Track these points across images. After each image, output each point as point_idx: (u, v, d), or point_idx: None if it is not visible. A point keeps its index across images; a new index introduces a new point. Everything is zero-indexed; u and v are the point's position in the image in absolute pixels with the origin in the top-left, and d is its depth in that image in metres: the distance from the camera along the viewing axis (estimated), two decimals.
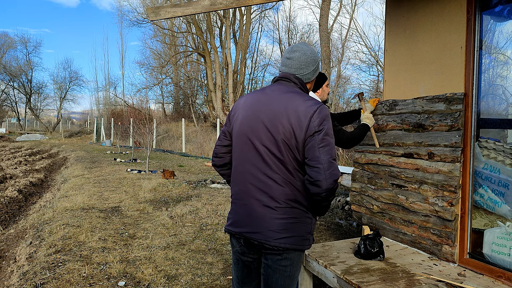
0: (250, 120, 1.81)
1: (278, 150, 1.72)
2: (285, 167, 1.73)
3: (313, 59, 1.88)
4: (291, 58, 1.87)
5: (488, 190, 2.62)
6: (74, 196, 6.80)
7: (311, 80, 1.92)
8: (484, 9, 2.55)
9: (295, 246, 1.77)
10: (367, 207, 3.34)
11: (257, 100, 1.84)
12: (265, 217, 1.75)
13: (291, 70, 1.87)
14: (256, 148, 1.77)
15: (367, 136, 3.36)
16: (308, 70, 1.87)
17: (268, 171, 1.74)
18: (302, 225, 1.79)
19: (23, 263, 3.85)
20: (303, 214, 1.79)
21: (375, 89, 20.91)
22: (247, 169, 1.80)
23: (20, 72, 36.32)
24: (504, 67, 2.85)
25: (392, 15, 3.26)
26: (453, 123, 2.56)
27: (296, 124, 1.69)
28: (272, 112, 1.75)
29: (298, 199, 1.76)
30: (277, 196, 1.74)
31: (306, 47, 1.89)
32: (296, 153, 1.71)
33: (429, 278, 2.37)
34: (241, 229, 1.83)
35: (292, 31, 28.88)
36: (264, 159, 1.75)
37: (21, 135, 28.95)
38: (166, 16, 2.85)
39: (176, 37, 27.51)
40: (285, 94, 1.78)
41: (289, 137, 1.70)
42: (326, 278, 2.64)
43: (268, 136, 1.74)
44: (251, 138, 1.79)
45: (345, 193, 7.34)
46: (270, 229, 1.75)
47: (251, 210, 1.79)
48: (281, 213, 1.74)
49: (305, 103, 1.72)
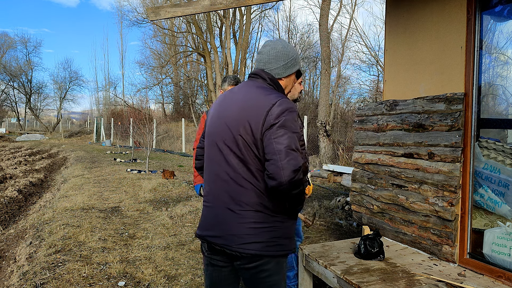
0: (215, 121, 1.77)
1: (238, 150, 1.64)
2: (247, 168, 1.63)
3: (285, 54, 1.79)
4: (261, 52, 1.81)
5: (488, 190, 2.62)
6: (74, 196, 6.80)
7: (283, 76, 1.81)
8: (484, 9, 2.55)
9: (262, 252, 1.63)
10: (367, 207, 3.34)
11: (224, 100, 1.80)
12: (228, 220, 1.66)
13: (260, 65, 1.80)
14: (220, 149, 1.70)
15: (367, 136, 3.36)
16: (277, 65, 1.78)
17: (232, 172, 1.66)
18: (269, 229, 1.65)
19: (23, 263, 3.85)
20: (269, 218, 1.65)
21: (375, 89, 20.92)
22: (213, 171, 1.74)
23: (20, 72, 36.30)
24: (504, 67, 2.85)
25: (392, 15, 3.25)
26: (453, 123, 2.56)
27: (254, 120, 1.60)
28: (234, 110, 1.69)
29: (263, 202, 1.64)
30: (241, 199, 1.64)
31: (279, 42, 1.81)
32: (255, 151, 1.61)
33: (429, 278, 2.37)
34: (205, 233, 1.75)
35: (292, 31, 28.90)
36: (227, 160, 1.67)
37: (21, 135, 28.95)
38: (166, 16, 2.84)
39: (176, 37, 27.50)
40: (249, 91, 1.71)
41: (248, 134, 1.61)
42: (326, 278, 2.64)
43: (229, 136, 1.66)
44: (215, 139, 1.73)
45: (345, 193, 7.34)
46: (232, 234, 1.64)
47: (216, 213, 1.71)
48: (245, 217, 1.63)
49: (266, 97, 1.64)
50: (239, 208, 1.64)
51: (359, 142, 3.48)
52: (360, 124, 3.47)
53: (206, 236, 1.74)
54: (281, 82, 1.83)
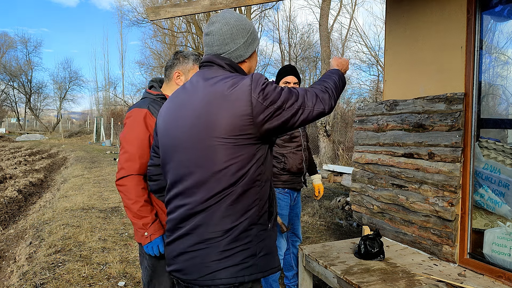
0: (170, 129, 1.40)
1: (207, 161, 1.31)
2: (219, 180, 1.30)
3: (242, 29, 1.40)
4: (210, 33, 1.40)
5: (488, 190, 2.62)
6: (74, 196, 6.80)
7: (245, 57, 1.43)
8: (484, 9, 2.55)
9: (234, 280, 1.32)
10: (367, 207, 3.34)
11: (174, 101, 1.43)
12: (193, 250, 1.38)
13: (214, 49, 1.40)
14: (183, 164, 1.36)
15: (367, 136, 3.36)
16: (236, 45, 1.39)
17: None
18: (241, 249, 1.33)
19: (23, 263, 3.85)
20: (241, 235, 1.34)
21: (375, 89, 20.92)
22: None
23: (20, 72, 36.34)
24: (504, 67, 2.85)
25: (392, 14, 3.25)
26: (453, 123, 2.56)
27: (230, 115, 1.26)
28: (193, 113, 1.32)
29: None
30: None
31: (228, 14, 1.41)
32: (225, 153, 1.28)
33: (429, 278, 2.36)
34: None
35: (292, 31, 28.90)
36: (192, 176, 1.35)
37: (20, 135, 28.95)
38: (166, 16, 2.84)
39: (176, 37, 27.50)
40: (206, 84, 1.33)
41: (221, 136, 1.27)
42: (326, 278, 2.64)
43: (194, 145, 1.32)
44: (173, 152, 1.38)
45: (345, 193, 7.34)
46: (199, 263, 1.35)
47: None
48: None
49: (232, 81, 1.29)
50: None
51: (359, 142, 3.47)
52: (360, 124, 3.47)
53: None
54: (244, 66, 1.45)
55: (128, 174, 1.85)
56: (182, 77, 2.03)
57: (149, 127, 1.92)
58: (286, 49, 26.29)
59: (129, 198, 1.84)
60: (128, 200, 1.84)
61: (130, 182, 1.85)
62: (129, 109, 2.00)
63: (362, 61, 26.93)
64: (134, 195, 1.84)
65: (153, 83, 2.11)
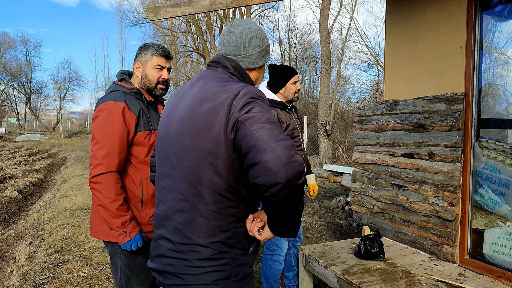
0: (166, 126, 1.41)
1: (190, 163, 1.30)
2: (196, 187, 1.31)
3: (261, 39, 1.42)
4: (230, 33, 1.40)
5: (488, 190, 2.62)
6: (73, 196, 6.80)
7: (257, 66, 1.43)
8: (484, 9, 2.55)
9: None
10: (367, 207, 3.34)
11: (174, 97, 1.45)
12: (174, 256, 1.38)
13: (230, 49, 1.39)
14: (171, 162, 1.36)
15: (367, 136, 3.36)
16: (253, 51, 1.40)
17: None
18: (218, 269, 1.31)
19: (23, 263, 3.85)
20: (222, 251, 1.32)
21: (375, 89, 20.93)
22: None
23: (20, 72, 36.32)
24: (504, 67, 2.85)
25: (392, 14, 3.25)
26: (453, 123, 2.56)
27: (211, 122, 1.23)
28: (185, 111, 1.32)
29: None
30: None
31: (251, 22, 1.43)
32: (213, 163, 1.25)
33: (429, 278, 2.36)
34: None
35: (292, 31, 28.92)
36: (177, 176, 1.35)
37: (20, 135, 28.95)
38: (166, 16, 2.84)
39: (176, 37, 27.50)
40: (205, 84, 1.33)
41: (203, 141, 1.25)
42: (326, 279, 2.64)
43: (179, 145, 1.32)
44: (166, 149, 1.38)
45: (345, 193, 7.34)
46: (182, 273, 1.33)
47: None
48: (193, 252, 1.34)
49: (224, 89, 1.26)
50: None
51: (359, 142, 3.47)
52: (360, 124, 3.47)
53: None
54: (253, 74, 1.45)
55: (107, 171, 1.77)
56: (141, 68, 1.98)
57: (127, 122, 1.85)
58: (286, 49, 26.33)
59: (107, 197, 1.77)
60: (105, 199, 1.77)
61: (109, 180, 1.78)
62: (101, 101, 1.89)
63: (362, 61, 26.94)
64: (114, 194, 1.77)
65: (123, 75, 2.04)
